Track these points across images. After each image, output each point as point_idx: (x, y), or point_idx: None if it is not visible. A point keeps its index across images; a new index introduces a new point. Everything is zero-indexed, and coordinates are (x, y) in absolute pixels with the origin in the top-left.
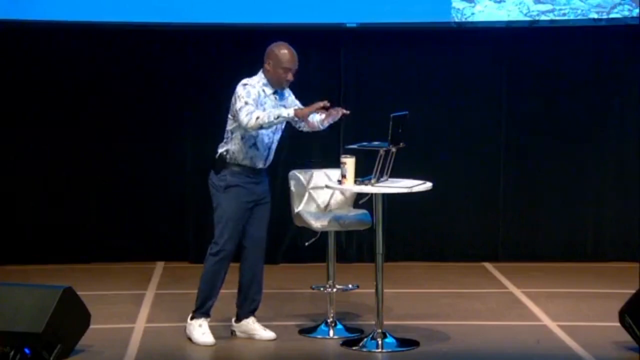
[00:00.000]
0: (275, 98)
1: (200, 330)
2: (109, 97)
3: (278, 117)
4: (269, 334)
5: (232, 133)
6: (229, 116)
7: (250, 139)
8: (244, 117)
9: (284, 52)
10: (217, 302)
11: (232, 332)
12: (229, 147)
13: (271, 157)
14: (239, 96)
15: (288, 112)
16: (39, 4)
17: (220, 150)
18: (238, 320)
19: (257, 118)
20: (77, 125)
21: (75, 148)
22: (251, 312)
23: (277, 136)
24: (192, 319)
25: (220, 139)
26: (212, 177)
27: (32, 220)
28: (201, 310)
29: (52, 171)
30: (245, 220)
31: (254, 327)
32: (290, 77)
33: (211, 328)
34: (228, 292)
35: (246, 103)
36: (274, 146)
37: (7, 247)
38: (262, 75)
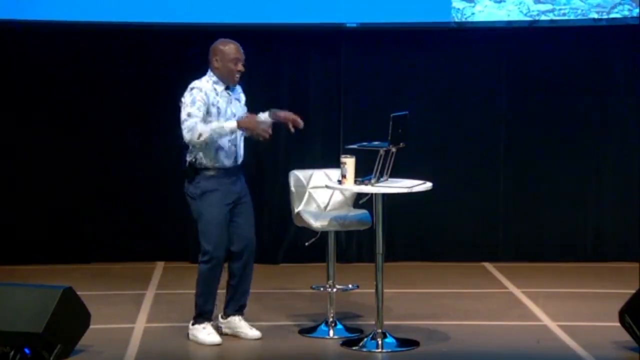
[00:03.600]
0: (229, 94)
1: (206, 332)
2: (109, 97)
3: (221, 131)
4: (254, 333)
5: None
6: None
7: (212, 143)
8: (186, 134)
9: (228, 45)
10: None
11: (219, 329)
12: (195, 154)
13: (240, 153)
14: (183, 103)
15: (231, 126)
16: (39, 4)
17: (188, 159)
18: (225, 316)
19: (200, 135)
20: (77, 124)
21: (75, 148)
22: (238, 311)
23: (240, 133)
24: (193, 324)
25: None
26: (187, 187)
27: (33, 220)
28: (202, 316)
29: (52, 171)
30: (228, 221)
31: (240, 325)
32: (240, 67)
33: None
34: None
35: (189, 115)
36: (240, 143)
37: (7, 247)
38: (211, 74)
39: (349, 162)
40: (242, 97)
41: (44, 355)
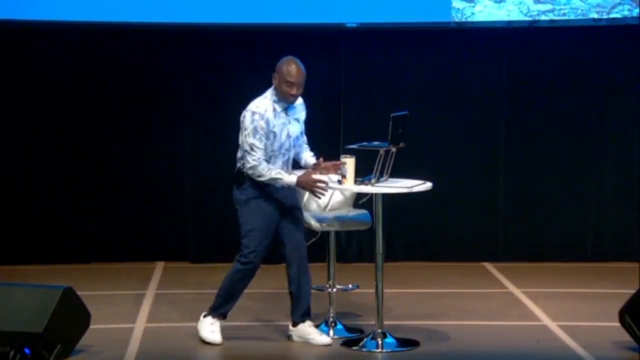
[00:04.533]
0: (287, 114)
1: (210, 328)
2: (109, 97)
3: (279, 182)
4: (324, 339)
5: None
6: (240, 136)
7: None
8: (248, 168)
9: (288, 66)
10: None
11: (289, 337)
12: (244, 162)
13: (290, 167)
14: (244, 127)
15: (289, 181)
16: (39, 4)
17: (238, 165)
18: (294, 325)
19: (260, 177)
20: (77, 124)
21: (75, 148)
22: (305, 316)
23: (292, 153)
24: (205, 316)
25: (219, 138)
26: (235, 193)
27: (32, 220)
28: (218, 310)
29: (52, 171)
30: (273, 229)
31: (310, 332)
32: (294, 91)
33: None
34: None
35: (252, 148)
36: (290, 161)
37: (7, 247)
38: (274, 92)
39: (349, 162)
40: (303, 115)
41: (44, 355)
